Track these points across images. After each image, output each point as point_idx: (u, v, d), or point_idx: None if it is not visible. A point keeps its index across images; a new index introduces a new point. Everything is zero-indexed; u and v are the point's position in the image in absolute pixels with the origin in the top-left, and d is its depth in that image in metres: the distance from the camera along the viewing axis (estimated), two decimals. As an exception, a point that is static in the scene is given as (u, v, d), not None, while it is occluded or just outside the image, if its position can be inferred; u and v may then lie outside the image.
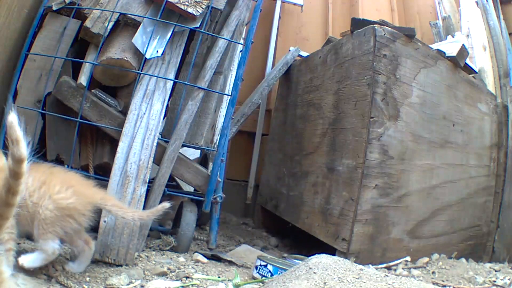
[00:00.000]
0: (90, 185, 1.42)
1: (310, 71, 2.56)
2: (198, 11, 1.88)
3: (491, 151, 2.27)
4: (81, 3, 1.92)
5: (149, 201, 1.74)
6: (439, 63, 2.09)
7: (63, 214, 1.30)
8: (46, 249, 1.29)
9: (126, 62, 1.79)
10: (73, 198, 1.32)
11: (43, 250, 1.29)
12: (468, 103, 2.19)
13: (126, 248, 1.57)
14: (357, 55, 2.04)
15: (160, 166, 1.81)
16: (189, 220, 1.87)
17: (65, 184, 1.33)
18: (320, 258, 1.40)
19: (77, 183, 1.39)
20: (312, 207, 2.22)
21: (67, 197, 1.31)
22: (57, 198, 1.30)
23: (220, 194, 1.92)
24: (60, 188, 1.32)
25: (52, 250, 1.29)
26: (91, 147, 1.90)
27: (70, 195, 1.32)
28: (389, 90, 1.92)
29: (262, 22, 3.17)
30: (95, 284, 1.37)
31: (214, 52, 1.98)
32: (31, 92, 1.84)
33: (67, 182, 1.35)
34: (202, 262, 1.75)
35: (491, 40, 2.67)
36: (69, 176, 1.42)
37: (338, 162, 2.06)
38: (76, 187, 1.35)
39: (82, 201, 1.33)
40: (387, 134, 1.92)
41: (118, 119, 1.81)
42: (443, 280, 1.80)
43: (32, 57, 1.85)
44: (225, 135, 1.95)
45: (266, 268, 1.64)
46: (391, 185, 1.94)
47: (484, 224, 2.25)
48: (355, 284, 1.23)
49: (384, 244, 1.94)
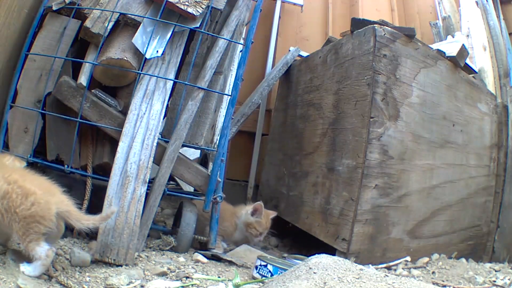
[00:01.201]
0: (55, 191, 1.39)
1: (310, 71, 2.56)
2: (198, 11, 1.88)
3: (491, 151, 2.27)
4: (81, 3, 1.92)
5: (149, 201, 1.74)
6: (439, 63, 2.09)
7: (29, 221, 1.29)
8: (39, 256, 1.28)
9: (126, 62, 1.79)
10: (34, 207, 1.30)
11: (36, 258, 1.28)
12: (468, 103, 2.19)
13: (126, 248, 1.57)
14: (357, 55, 2.04)
15: (160, 166, 1.81)
16: (189, 220, 1.87)
17: (26, 193, 1.31)
18: (320, 258, 1.40)
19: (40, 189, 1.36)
20: (312, 207, 2.22)
21: (27, 207, 1.29)
22: (19, 210, 1.29)
23: (220, 194, 1.91)
24: (21, 199, 1.30)
25: (44, 254, 1.29)
26: (91, 147, 1.90)
27: (30, 205, 1.30)
28: (389, 90, 1.93)
29: (262, 22, 3.17)
30: (95, 284, 1.37)
31: (214, 52, 1.98)
32: (31, 92, 1.84)
33: (30, 190, 1.33)
34: (202, 262, 1.75)
35: (491, 40, 2.67)
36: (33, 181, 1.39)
37: (338, 162, 2.06)
38: (38, 195, 1.32)
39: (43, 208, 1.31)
40: (387, 134, 1.92)
41: (118, 119, 1.81)
42: (443, 280, 1.80)
43: (32, 57, 1.85)
44: (225, 135, 1.95)
45: (266, 268, 1.64)
46: (391, 185, 1.94)
47: (484, 224, 2.25)
48: (355, 284, 1.23)
49: (384, 244, 1.94)
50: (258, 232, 2.11)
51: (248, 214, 2.11)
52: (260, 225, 2.10)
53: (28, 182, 1.34)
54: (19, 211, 1.29)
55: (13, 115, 1.82)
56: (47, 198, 1.32)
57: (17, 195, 1.30)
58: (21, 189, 1.31)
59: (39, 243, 1.29)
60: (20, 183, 1.33)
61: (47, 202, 1.32)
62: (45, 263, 1.30)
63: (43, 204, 1.31)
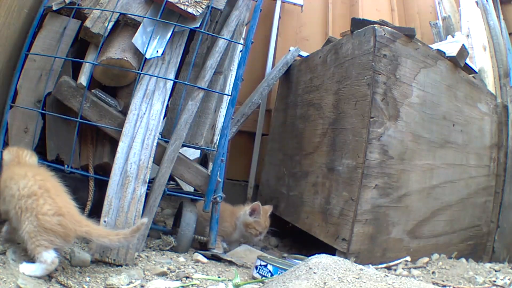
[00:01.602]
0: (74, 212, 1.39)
1: (310, 71, 2.56)
2: (198, 11, 1.88)
3: (491, 151, 2.27)
4: (81, 3, 1.92)
5: (149, 201, 1.74)
6: (439, 63, 2.09)
7: (48, 232, 1.30)
8: (44, 260, 1.29)
9: (126, 62, 1.79)
10: (58, 226, 1.31)
11: (41, 261, 1.29)
12: (468, 103, 2.19)
13: (126, 248, 1.57)
14: (357, 55, 2.04)
15: (160, 166, 1.81)
16: (189, 220, 1.87)
17: (56, 211, 1.32)
18: (320, 258, 1.40)
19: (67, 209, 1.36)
20: (312, 207, 2.22)
21: (52, 222, 1.31)
22: (42, 219, 1.30)
23: (220, 194, 1.91)
24: (49, 211, 1.31)
25: (50, 260, 1.29)
26: (91, 147, 1.90)
27: (56, 223, 1.31)
28: (389, 90, 1.93)
29: (262, 22, 3.17)
30: (95, 284, 1.37)
31: (214, 52, 1.98)
32: (31, 92, 1.84)
33: (60, 209, 1.33)
34: (202, 262, 1.75)
35: (491, 40, 2.67)
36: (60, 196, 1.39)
37: (338, 162, 2.06)
38: (65, 217, 1.33)
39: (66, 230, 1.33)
40: (387, 134, 1.92)
41: (118, 119, 1.81)
42: (443, 280, 1.80)
43: (32, 57, 1.85)
44: (225, 135, 1.95)
45: (266, 268, 1.64)
46: (391, 185, 1.94)
47: (484, 224, 2.25)
48: (355, 284, 1.23)
49: (384, 244, 1.94)
50: (258, 232, 2.11)
51: (247, 215, 2.11)
52: (259, 225, 2.10)
53: (59, 199, 1.36)
54: (41, 218, 1.30)
55: (13, 115, 1.82)
56: (71, 222, 1.33)
57: (46, 204, 1.32)
58: (51, 202, 1.33)
59: (48, 250, 1.30)
60: (53, 195, 1.35)
61: (70, 228, 1.33)
62: (49, 269, 1.30)
63: (67, 227, 1.32)
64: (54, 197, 1.35)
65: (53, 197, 1.34)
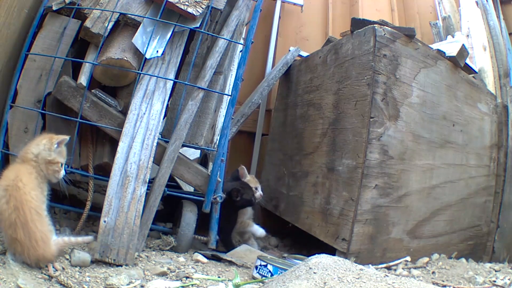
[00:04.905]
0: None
1: (310, 71, 2.56)
2: (198, 11, 1.88)
3: (491, 151, 2.27)
4: (81, 3, 1.92)
5: (149, 201, 1.74)
6: (439, 63, 2.09)
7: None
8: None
9: (126, 62, 1.79)
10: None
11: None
12: (468, 103, 2.19)
13: (126, 248, 1.57)
14: (357, 55, 2.04)
15: (160, 166, 1.81)
16: (189, 220, 1.87)
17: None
18: (320, 258, 1.40)
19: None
20: (312, 207, 2.22)
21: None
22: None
23: (220, 194, 1.91)
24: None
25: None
26: (91, 147, 1.90)
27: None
28: (389, 90, 1.93)
29: (262, 22, 3.17)
30: (95, 284, 1.37)
31: (214, 52, 1.98)
32: (31, 92, 1.84)
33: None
34: (202, 262, 1.75)
35: (491, 40, 2.67)
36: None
37: (338, 162, 2.06)
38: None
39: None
40: (387, 134, 1.92)
41: (118, 119, 1.81)
42: (443, 280, 1.80)
43: (32, 57, 1.85)
44: (225, 135, 1.95)
45: (266, 268, 1.64)
46: (391, 185, 1.94)
47: (484, 224, 2.25)
48: (355, 284, 1.23)
49: (384, 244, 1.94)
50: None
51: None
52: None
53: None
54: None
55: (13, 115, 1.82)
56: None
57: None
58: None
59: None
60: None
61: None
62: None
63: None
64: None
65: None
